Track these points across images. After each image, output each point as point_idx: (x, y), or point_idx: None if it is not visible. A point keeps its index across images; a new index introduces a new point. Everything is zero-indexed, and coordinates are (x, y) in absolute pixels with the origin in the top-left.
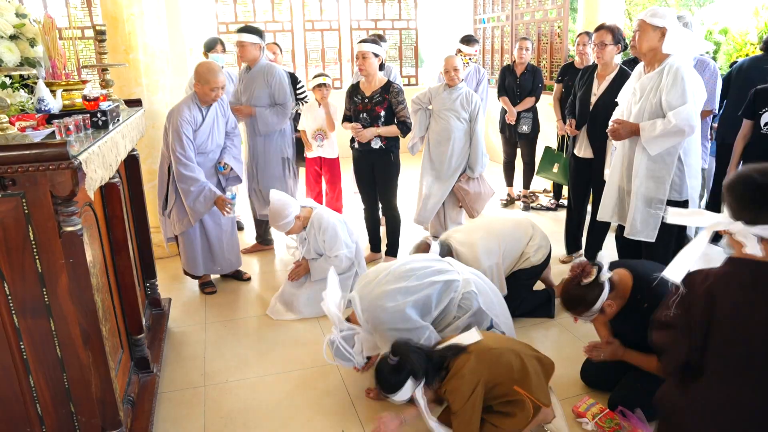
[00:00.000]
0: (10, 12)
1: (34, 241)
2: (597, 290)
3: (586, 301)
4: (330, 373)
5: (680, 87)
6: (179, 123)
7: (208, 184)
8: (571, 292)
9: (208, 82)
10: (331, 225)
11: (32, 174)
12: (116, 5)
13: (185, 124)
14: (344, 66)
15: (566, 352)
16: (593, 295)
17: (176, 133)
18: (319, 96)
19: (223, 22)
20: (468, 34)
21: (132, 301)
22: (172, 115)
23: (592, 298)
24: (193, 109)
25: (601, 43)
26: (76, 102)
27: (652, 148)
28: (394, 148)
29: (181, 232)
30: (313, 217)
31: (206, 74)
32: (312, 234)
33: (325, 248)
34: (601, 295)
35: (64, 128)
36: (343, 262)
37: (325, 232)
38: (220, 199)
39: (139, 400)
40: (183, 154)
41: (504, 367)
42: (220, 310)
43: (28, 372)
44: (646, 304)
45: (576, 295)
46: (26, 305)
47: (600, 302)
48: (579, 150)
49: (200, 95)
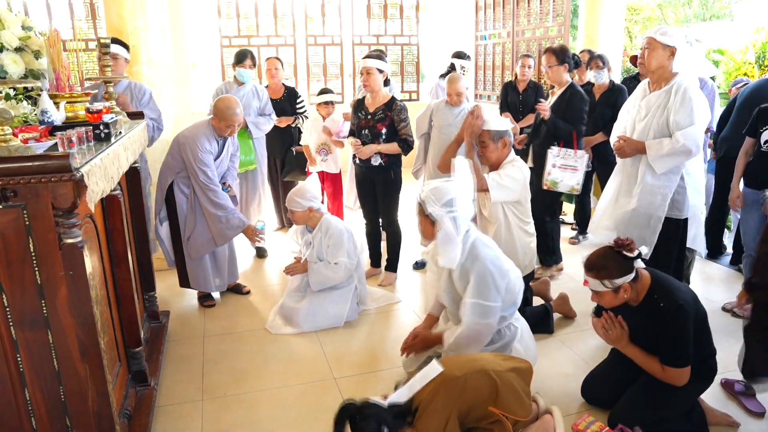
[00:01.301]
0: (17, 25)
1: (34, 253)
2: (626, 268)
3: (614, 270)
4: (328, 388)
5: (688, 107)
6: (201, 154)
7: (236, 212)
8: (605, 255)
9: (225, 119)
10: (338, 232)
11: (34, 186)
12: (121, 18)
13: (207, 155)
14: (346, 80)
15: (566, 368)
16: (622, 269)
17: (201, 163)
18: (324, 112)
19: (226, 36)
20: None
21: (131, 313)
22: (189, 144)
23: (619, 272)
24: (212, 141)
25: (548, 65)
26: (79, 114)
27: (658, 166)
28: (395, 165)
29: (200, 255)
30: (322, 220)
31: (225, 111)
32: (318, 237)
33: (327, 253)
34: (627, 275)
35: (67, 140)
36: (341, 270)
37: (332, 237)
38: (249, 229)
39: (136, 414)
40: (211, 181)
41: (473, 392)
42: (219, 324)
43: (24, 385)
44: (662, 304)
45: (609, 260)
46: (25, 317)
47: (622, 280)
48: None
49: (217, 129)
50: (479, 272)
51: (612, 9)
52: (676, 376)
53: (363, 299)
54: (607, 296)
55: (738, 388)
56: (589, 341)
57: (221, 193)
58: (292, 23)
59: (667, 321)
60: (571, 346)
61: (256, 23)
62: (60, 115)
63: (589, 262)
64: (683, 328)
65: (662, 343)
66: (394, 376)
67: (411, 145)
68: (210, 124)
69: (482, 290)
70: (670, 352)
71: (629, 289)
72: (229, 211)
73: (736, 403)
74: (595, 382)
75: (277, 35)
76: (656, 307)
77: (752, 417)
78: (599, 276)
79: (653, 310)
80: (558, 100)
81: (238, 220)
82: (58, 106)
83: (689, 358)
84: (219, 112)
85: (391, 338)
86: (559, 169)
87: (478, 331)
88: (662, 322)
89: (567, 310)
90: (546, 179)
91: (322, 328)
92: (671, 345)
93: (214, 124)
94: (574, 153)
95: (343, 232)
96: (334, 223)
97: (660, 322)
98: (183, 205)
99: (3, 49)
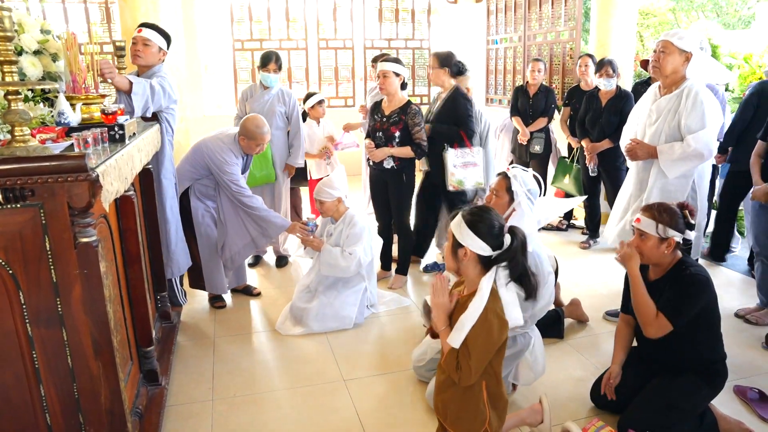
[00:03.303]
0: (36, 28)
1: (50, 252)
2: (680, 226)
3: (672, 222)
4: (338, 390)
5: (700, 111)
6: (230, 168)
7: (274, 212)
8: (670, 207)
9: (255, 139)
10: (360, 225)
11: (50, 185)
12: (135, 22)
13: (234, 167)
14: (357, 84)
15: (576, 373)
16: (678, 226)
17: (231, 176)
18: (317, 114)
19: (238, 40)
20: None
21: (143, 313)
22: (217, 159)
23: (676, 225)
24: (238, 156)
25: (431, 68)
26: (95, 116)
27: (670, 171)
28: (407, 169)
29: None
30: (347, 213)
31: (254, 131)
32: (340, 229)
33: (345, 243)
34: (678, 233)
35: (83, 141)
36: (354, 261)
37: (353, 227)
38: (293, 227)
39: (147, 413)
40: (244, 189)
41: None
42: (229, 325)
43: (39, 381)
44: (688, 271)
45: (672, 212)
46: (40, 315)
47: (674, 233)
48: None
49: (244, 148)
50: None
51: (624, 13)
52: (660, 326)
53: (372, 302)
54: (650, 242)
55: (751, 395)
56: (600, 346)
57: (255, 198)
58: (304, 27)
59: (686, 283)
60: (581, 351)
61: (269, 27)
62: (76, 117)
63: (652, 204)
64: (697, 295)
65: (670, 297)
66: (403, 378)
67: (424, 150)
68: (236, 141)
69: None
70: (672, 304)
71: (671, 247)
72: (269, 213)
73: (749, 410)
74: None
75: (289, 39)
76: (679, 274)
77: (766, 424)
78: (659, 218)
79: (675, 278)
80: (443, 104)
81: (280, 219)
82: (75, 108)
83: (682, 320)
84: (248, 132)
85: (401, 341)
86: (461, 168)
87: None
88: (681, 284)
89: (579, 314)
90: (451, 180)
91: (332, 329)
92: (678, 300)
93: (242, 144)
94: (470, 150)
95: (364, 228)
96: (357, 216)
97: (678, 285)
98: (198, 211)
99: (22, 52)
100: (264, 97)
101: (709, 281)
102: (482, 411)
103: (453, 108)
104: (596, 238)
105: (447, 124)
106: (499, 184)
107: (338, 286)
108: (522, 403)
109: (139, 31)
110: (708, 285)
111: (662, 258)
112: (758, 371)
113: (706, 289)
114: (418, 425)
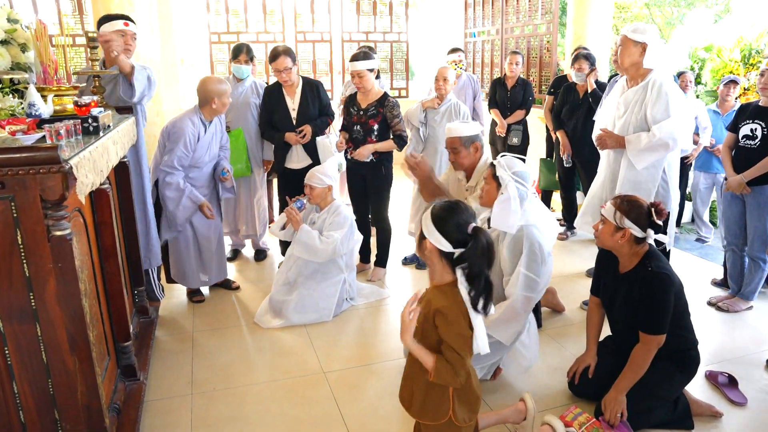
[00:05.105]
0: (2, 17)
1: (22, 245)
2: (642, 224)
3: (632, 214)
4: (318, 382)
5: (664, 101)
6: (184, 133)
7: (189, 188)
8: (638, 201)
9: (206, 96)
10: (344, 215)
11: (22, 177)
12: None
13: (190, 136)
14: (335, 77)
15: (554, 361)
16: (638, 220)
17: (174, 143)
18: None
19: (215, 32)
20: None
21: (120, 308)
22: (174, 125)
23: (635, 219)
24: (197, 123)
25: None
26: (67, 107)
27: (638, 162)
28: (386, 161)
29: (167, 238)
30: (333, 203)
31: (200, 89)
32: (323, 217)
33: (326, 227)
34: (636, 227)
35: (55, 133)
36: (330, 246)
37: (337, 216)
38: (204, 206)
39: (125, 408)
40: (171, 163)
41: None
42: (208, 319)
43: (12, 378)
44: (650, 268)
45: (637, 206)
46: (13, 310)
47: (630, 225)
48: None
49: (206, 113)
50: (531, 246)
51: (600, 7)
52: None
53: (352, 294)
54: (607, 228)
55: (721, 379)
56: (577, 335)
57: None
58: (281, 20)
59: (651, 286)
60: (558, 340)
61: (246, 19)
62: (48, 108)
63: (625, 195)
64: (664, 296)
65: (643, 309)
66: (383, 370)
67: (405, 140)
68: (197, 110)
69: (531, 264)
70: (647, 317)
71: (628, 238)
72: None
73: (719, 394)
74: (582, 375)
75: (266, 32)
76: (644, 271)
77: (735, 407)
78: (618, 207)
79: (640, 276)
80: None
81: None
82: (46, 100)
83: (664, 326)
84: (199, 94)
85: (381, 332)
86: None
87: (527, 302)
88: (646, 288)
89: (555, 303)
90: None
91: (312, 321)
92: (650, 313)
93: (203, 111)
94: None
95: (348, 219)
96: (343, 208)
97: (644, 288)
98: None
99: None
100: (238, 90)
101: (670, 276)
102: (447, 400)
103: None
104: (573, 229)
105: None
106: (487, 173)
107: (317, 278)
108: (505, 399)
109: (126, 25)
110: (671, 281)
111: (618, 247)
112: (728, 356)
113: (670, 287)
114: (398, 416)
